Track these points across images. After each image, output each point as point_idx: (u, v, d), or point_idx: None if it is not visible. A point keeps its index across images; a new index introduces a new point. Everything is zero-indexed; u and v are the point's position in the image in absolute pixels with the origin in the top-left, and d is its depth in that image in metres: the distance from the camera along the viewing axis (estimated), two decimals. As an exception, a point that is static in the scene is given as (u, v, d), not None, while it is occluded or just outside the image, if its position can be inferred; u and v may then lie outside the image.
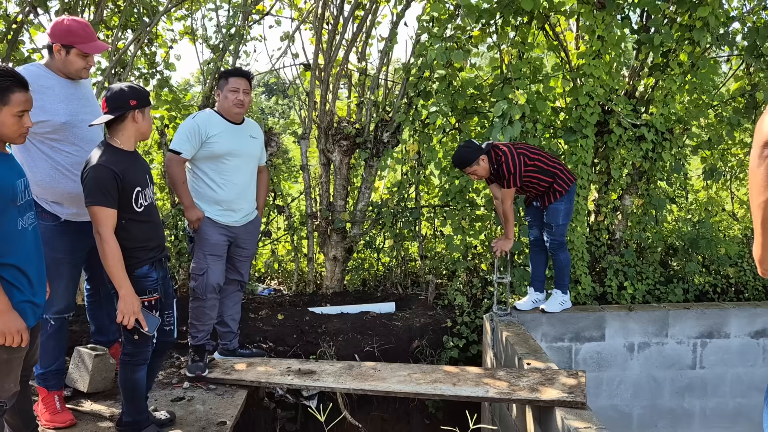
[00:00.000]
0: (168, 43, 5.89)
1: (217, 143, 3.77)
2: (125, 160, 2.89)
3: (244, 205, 3.95)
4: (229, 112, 3.84)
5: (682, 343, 5.00)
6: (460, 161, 4.36)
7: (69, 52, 3.21)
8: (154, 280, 2.99)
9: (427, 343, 4.86)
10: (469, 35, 5.17)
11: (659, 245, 5.70)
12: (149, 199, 3.01)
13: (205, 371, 3.83)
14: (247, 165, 3.94)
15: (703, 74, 5.22)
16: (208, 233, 3.83)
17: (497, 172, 4.35)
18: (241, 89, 3.79)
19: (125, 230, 2.88)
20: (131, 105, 2.86)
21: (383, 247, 5.99)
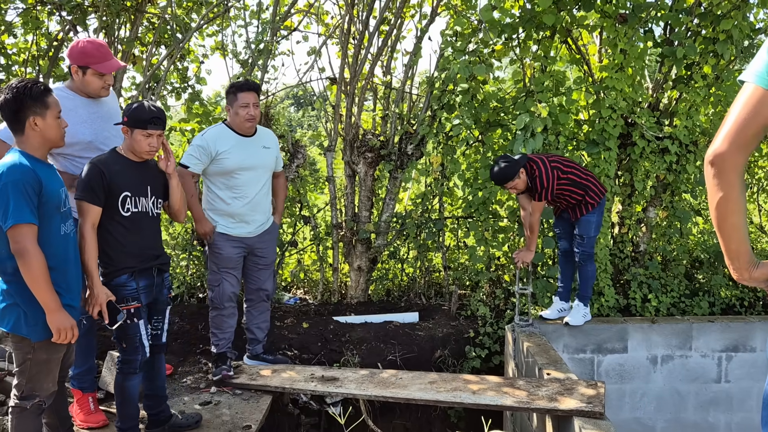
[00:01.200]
0: (199, 58, 6.09)
1: (227, 159, 3.83)
2: (123, 165, 3.06)
3: (257, 216, 4.02)
4: (242, 127, 3.90)
5: (707, 357, 4.96)
6: (501, 177, 4.33)
7: (85, 73, 3.35)
8: (132, 289, 3.08)
9: (449, 353, 4.91)
10: (491, 49, 5.25)
11: (684, 258, 5.67)
12: (144, 208, 3.12)
13: (230, 371, 3.95)
14: (260, 177, 3.99)
15: (728, 86, 5.21)
16: (220, 247, 3.94)
17: (530, 185, 4.37)
18: (251, 103, 3.83)
19: (107, 230, 3.02)
20: (123, 121, 3.06)
21: (407, 258, 6.07)
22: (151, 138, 3.06)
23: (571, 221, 4.64)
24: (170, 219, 6.08)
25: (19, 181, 2.48)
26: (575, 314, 4.80)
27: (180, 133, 5.96)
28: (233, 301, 4.02)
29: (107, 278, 3.04)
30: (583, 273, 4.72)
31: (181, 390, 3.99)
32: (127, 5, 5.41)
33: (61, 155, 3.35)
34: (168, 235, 6.08)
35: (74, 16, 5.23)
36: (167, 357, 4.39)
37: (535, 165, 4.34)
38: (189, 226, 5.95)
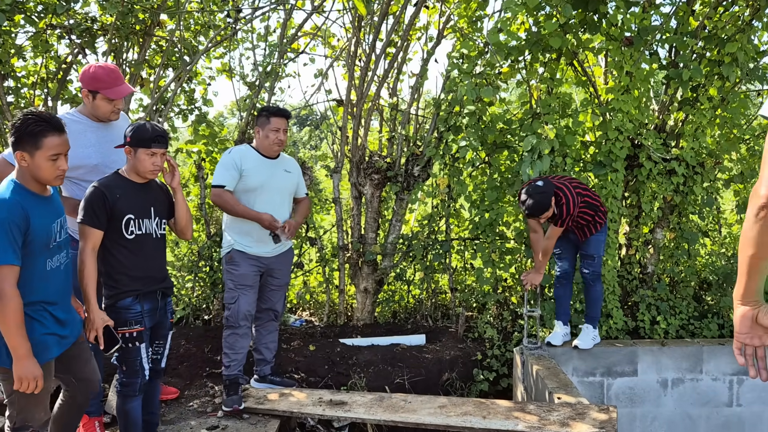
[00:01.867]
0: (206, 80, 6.13)
1: (250, 176, 3.92)
2: (126, 187, 3.05)
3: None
4: (269, 150, 4.00)
5: (718, 380, 4.91)
6: (539, 209, 4.17)
7: (95, 97, 3.39)
8: (137, 312, 3.07)
9: (457, 375, 4.87)
10: (498, 71, 5.28)
11: (692, 279, 5.64)
12: (148, 230, 3.12)
13: (240, 404, 3.89)
14: (279, 198, 4.05)
15: (734, 108, 5.22)
16: (238, 264, 3.95)
17: (556, 212, 4.27)
18: (281, 129, 3.95)
19: (110, 254, 3.02)
20: (126, 141, 3.06)
21: (414, 280, 6.04)
22: (155, 157, 3.07)
23: (574, 242, 4.62)
24: (176, 239, 6.12)
25: (5, 219, 2.40)
26: (584, 337, 4.75)
27: (186, 154, 5.98)
28: (248, 321, 4.02)
29: (111, 300, 3.03)
30: (592, 294, 4.69)
31: (187, 414, 3.94)
32: (136, 29, 5.46)
33: (68, 179, 3.36)
34: (173, 257, 6.07)
35: (83, 39, 5.28)
36: (173, 380, 4.38)
37: (561, 192, 4.26)
38: (195, 248, 5.94)
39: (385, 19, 5.63)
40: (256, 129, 4.02)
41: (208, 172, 5.91)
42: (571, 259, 4.71)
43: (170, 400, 4.11)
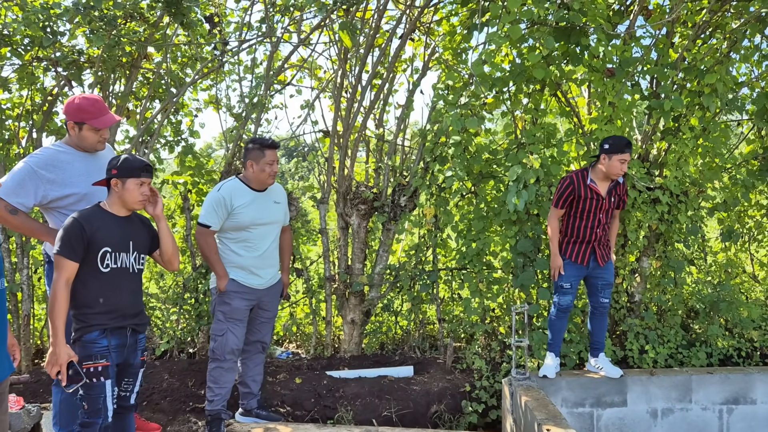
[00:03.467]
0: (193, 111, 6.15)
1: (242, 213, 3.89)
2: (106, 220, 3.00)
3: (268, 269, 4.04)
4: (263, 183, 3.98)
5: (707, 410, 4.88)
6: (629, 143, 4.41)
7: (81, 128, 3.40)
8: (103, 347, 2.96)
9: (445, 407, 4.80)
10: (483, 102, 5.33)
11: (680, 308, 5.64)
12: (124, 264, 3.04)
13: None
14: (271, 231, 4.06)
15: (715, 138, 5.30)
16: (231, 297, 3.91)
17: (619, 192, 4.58)
18: (275, 161, 3.95)
19: (82, 285, 2.94)
20: (112, 174, 3.02)
21: (401, 310, 6.00)
22: (143, 187, 3.05)
23: (596, 268, 4.61)
24: (161, 270, 6.06)
25: None
26: (609, 366, 4.75)
27: (173, 186, 5.96)
28: (235, 355, 3.95)
29: (78, 333, 2.95)
30: (604, 324, 4.76)
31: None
32: (123, 61, 5.47)
33: (56, 209, 3.35)
34: (158, 289, 6.00)
35: (70, 71, 5.29)
36: (155, 416, 4.28)
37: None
38: (180, 279, 5.88)
39: (370, 51, 5.71)
40: (248, 162, 3.96)
41: (194, 204, 5.89)
42: (576, 293, 4.69)
43: (152, 436, 4.01)
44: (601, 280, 4.65)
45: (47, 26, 4.88)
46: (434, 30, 6.04)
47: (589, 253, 4.57)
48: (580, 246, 4.57)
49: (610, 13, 5.33)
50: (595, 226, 4.52)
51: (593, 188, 4.49)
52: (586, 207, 4.50)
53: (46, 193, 3.34)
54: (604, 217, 4.54)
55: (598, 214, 4.52)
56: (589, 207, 4.50)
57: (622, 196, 4.69)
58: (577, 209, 4.54)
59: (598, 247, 4.58)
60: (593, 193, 4.49)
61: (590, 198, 4.49)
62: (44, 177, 3.33)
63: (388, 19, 5.98)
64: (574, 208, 4.55)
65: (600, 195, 4.49)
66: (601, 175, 4.49)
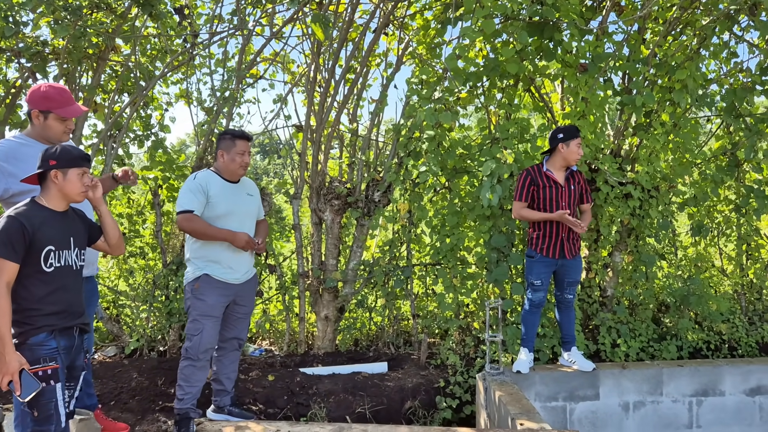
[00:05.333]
0: (163, 105, 6.03)
1: (217, 203, 3.84)
2: (45, 216, 2.82)
3: (243, 262, 3.97)
4: (235, 174, 3.94)
5: (678, 402, 4.93)
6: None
7: (47, 118, 3.30)
8: (52, 348, 2.79)
9: (419, 403, 4.78)
10: (457, 97, 5.32)
11: (651, 302, 5.71)
12: (68, 262, 2.89)
13: None
14: (245, 223, 3.99)
15: (686, 134, 5.36)
16: (205, 294, 3.82)
17: (577, 180, 4.67)
18: (246, 152, 3.92)
19: (24, 287, 2.75)
20: (50, 165, 2.83)
21: (375, 306, 5.97)
22: (85, 177, 2.91)
23: (565, 265, 4.64)
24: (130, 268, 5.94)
25: None
26: (582, 360, 4.80)
27: (143, 181, 5.84)
28: (208, 354, 3.86)
29: (22, 338, 2.73)
30: (572, 317, 4.80)
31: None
32: (90, 53, 5.34)
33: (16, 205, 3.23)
34: (128, 286, 5.88)
35: (34, 63, 5.14)
36: (123, 416, 4.19)
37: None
38: (150, 277, 5.77)
39: (344, 46, 5.65)
40: (220, 152, 3.93)
41: (165, 199, 5.78)
42: (548, 288, 4.72)
43: (120, 437, 3.91)
44: (568, 276, 4.70)
45: (9, 16, 4.73)
46: (408, 24, 6.00)
47: (559, 247, 4.60)
48: (549, 240, 4.60)
49: (582, 9, 5.35)
50: None
51: (550, 176, 4.59)
52: (547, 196, 4.57)
53: (8, 186, 3.23)
54: (566, 206, 4.58)
55: (560, 203, 4.57)
56: (549, 195, 4.57)
57: (584, 186, 4.73)
58: (538, 200, 4.61)
59: (567, 241, 4.61)
60: (550, 180, 4.58)
61: (549, 186, 4.58)
62: (6, 170, 3.22)
63: (362, 13, 5.94)
64: (536, 200, 4.62)
65: (558, 182, 4.58)
66: (558, 164, 4.60)
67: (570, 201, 4.61)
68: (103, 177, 3.72)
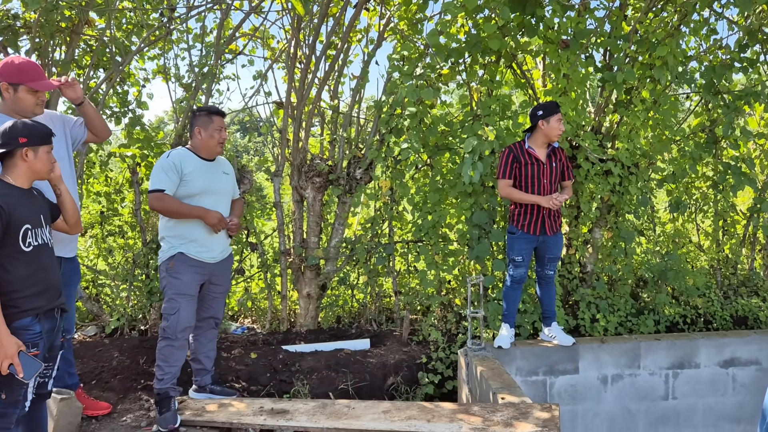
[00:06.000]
0: (140, 82, 5.91)
1: (192, 181, 3.79)
2: (15, 195, 2.76)
3: (219, 241, 3.95)
4: (213, 151, 3.91)
5: (654, 374, 5.04)
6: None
7: (17, 90, 3.24)
8: (36, 333, 2.75)
9: (402, 379, 4.82)
10: (438, 73, 5.29)
11: (629, 277, 5.79)
12: (42, 240, 2.84)
13: (176, 422, 3.68)
14: (221, 201, 3.96)
15: (665, 110, 5.39)
16: (180, 272, 3.80)
17: (559, 156, 4.67)
18: (223, 128, 3.90)
19: (5, 269, 2.69)
20: (20, 143, 2.76)
21: (357, 284, 5.98)
22: (50, 154, 2.85)
23: (546, 242, 4.66)
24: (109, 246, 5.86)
25: None
26: (562, 335, 4.86)
27: (120, 159, 5.75)
28: (186, 333, 3.84)
29: (7, 321, 2.65)
30: (552, 293, 4.86)
31: (120, 429, 3.75)
32: (62, 26, 5.20)
33: None
34: (107, 266, 5.82)
35: (5, 37, 4.99)
36: (105, 395, 4.18)
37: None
38: (129, 256, 5.71)
39: (324, 21, 5.57)
40: (196, 129, 3.88)
41: (144, 177, 5.70)
42: (529, 265, 4.75)
43: (101, 415, 3.90)
44: (548, 253, 4.73)
45: (-22, -12, 4.58)
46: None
47: (540, 224, 4.63)
48: (530, 217, 4.62)
49: (564, -15, 5.32)
50: (542, 193, 4.58)
51: (531, 153, 4.59)
52: (529, 173, 4.58)
53: None
54: (548, 184, 4.60)
55: (542, 180, 4.59)
56: (531, 173, 4.58)
57: (565, 163, 4.75)
58: (520, 177, 4.62)
59: (548, 218, 4.64)
60: (532, 157, 4.59)
61: (530, 163, 4.58)
62: None
63: (343, -12, 5.84)
64: (517, 177, 4.63)
65: (539, 159, 4.59)
66: (540, 141, 4.60)
67: (552, 178, 4.63)
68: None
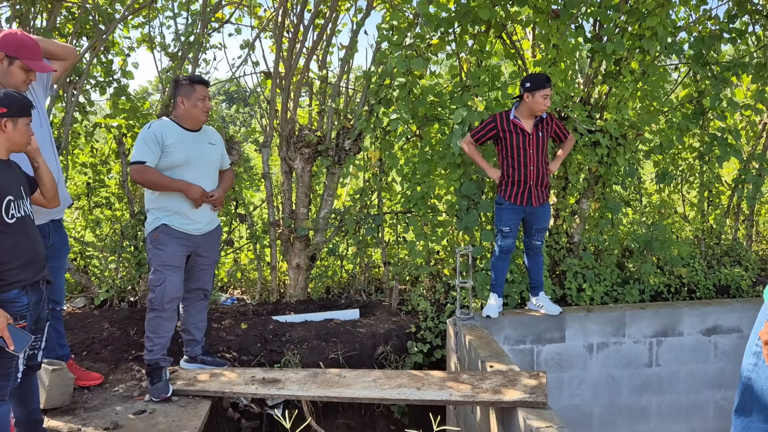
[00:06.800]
0: (125, 51, 5.81)
1: (174, 152, 3.75)
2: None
3: (205, 213, 3.92)
4: (197, 121, 3.85)
5: (639, 342, 5.14)
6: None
7: (12, 63, 3.20)
8: (23, 305, 2.74)
9: (391, 348, 4.88)
10: (428, 43, 5.24)
11: (616, 247, 5.86)
12: (24, 212, 2.81)
13: (168, 392, 3.71)
14: (206, 173, 3.92)
15: (654, 81, 5.40)
16: (165, 244, 3.79)
17: (546, 126, 4.67)
18: (207, 97, 3.84)
19: None
20: (2, 112, 2.71)
21: (346, 254, 6.01)
22: (29, 126, 2.81)
23: (533, 213, 4.69)
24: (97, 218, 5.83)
25: None
26: (549, 304, 4.93)
27: (105, 129, 5.68)
28: (174, 304, 3.84)
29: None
30: (540, 263, 4.90)
31: (112, 399, 3.78)
32: (44, -7, 5.09)
33: None
34: (95, 237, 5.79)
35: (-16, 4, 4.88)
36: (96, 366, 4.20)
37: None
38: (117, 227, 5.68)
39: (312, -11, 5.48)
40: (179, 99, 3.84)
41: (130, 148, 5.64)
42: (516, 235, 4.79)
43: (93, 386, 3.93)
44: (536, 223, 4.76)
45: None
46: (378, -33, 5.84)
47: (527, 194, 4.65)
48: (517, 188, 4.64)
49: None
50: (528, 164, 4.57)
51: (517, 123, 4.57)
52: (513, 143, 4.57)
53: None
54: (535, 154, 4.59)
55: (528, 150, 4.58)
56: (516, 143, 4.57)
57: (556, 129, 4.76)
58: (505, 147, 4.61)
59: (535, 188, 4.65)
60: (517, 128, 4.57)
61: (515, 133, 4.57)
62: None
63: (331, -45, 5.74)
64: (502, 147, 4.63)
65: (525, 130, 4.57)
66: (526, 113, 4.58)
67: (538, 148, 4.62)
68: None
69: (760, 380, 1.90)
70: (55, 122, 5.47)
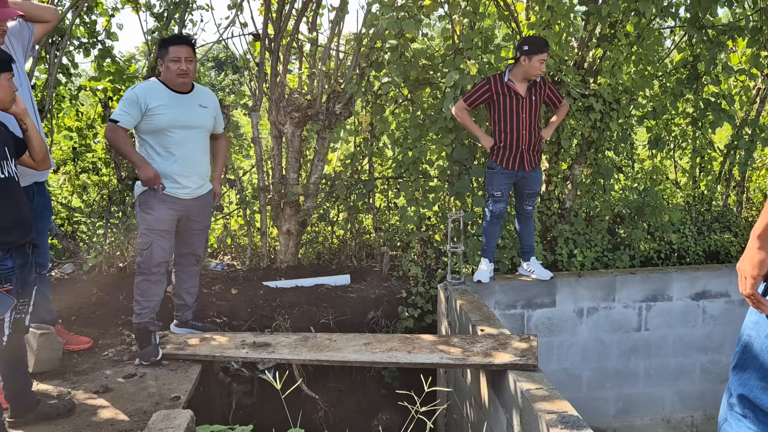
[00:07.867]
0: (109, 11, 5.65)
1: (159, 115, 3.67)
2: None
3: (194, 177, 3.86)
4: (174, 83, 3.74)
5: (628, 307, 5.17)
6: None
7: None
8: (9, 268, 2.68)
9: (382, 314, 4.89)
10: (420, 5, 5.13)
11: (607, 213, 5.85)
12: (9, 173, 2.73)
13: (158, 355, 3.70)
14: (195, 136, 3.84)
15: (648, 45, 5.33)
16: (152, 207, 3.73)
17: (540, 91, 4.59)
18: (182, 57, 3.68)
19: None
20: None
21: (337, 220, 5.97)
22: (11, 82, 2.71)
23: (525, 177, 4.66)
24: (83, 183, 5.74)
25: None
26: (540, 270, 4.93)
27: (91, 92, 5.56)
28: (162, 268, 3.80)
29: None
30: (531, 228, 4.88)
31: (102, 363, 3.77)
32: (24, -50, 4.90)
33: None
34: (82, 203, 5.72)
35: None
36: (86, 330, 4.18)
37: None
38: (105, 192, 5.61)
39: (302, -53, 5.33)
40: (159, 62, 3.76)
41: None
42: (507, 200, 4.76)
43: (83, 350, 3.91)
44: (527, 188, 4.73)
45: None
46: (369, -75, 5.68)
47: (519, 159, 4.61)
48: (509, 152, 4.59)
49: None
50: (520, 128, 4.52)
51: (510, 86, 4.50)
52: (507, 105, 4.51)
53: None
54: (528, 118, 4.53)
55: (521, 114, 4.52)
56: (510, 106, 4.51)
57: (549, 94, 4.69)
58: (497, 110, 4.55)
59: (527, 152, 4.61)
60: (511, 91, 4.50)
61: (508, 96, 4.50)
62: None
63: None
64: (495, 110, 4.56)
65: (518, 93, 4.51)
66: (520, 76, 4.50)
67: (531, 112, 4.56)
68: None
69: (760, 338, 1.91)
70: (38, 84, 5.34)
